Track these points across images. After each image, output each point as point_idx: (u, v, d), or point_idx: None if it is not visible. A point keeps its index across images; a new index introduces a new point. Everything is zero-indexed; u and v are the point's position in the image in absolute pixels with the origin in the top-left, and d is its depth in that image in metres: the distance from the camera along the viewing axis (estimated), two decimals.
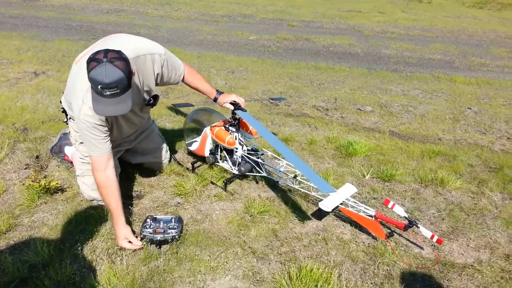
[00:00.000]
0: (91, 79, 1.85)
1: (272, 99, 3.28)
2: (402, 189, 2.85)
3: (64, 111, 2.51)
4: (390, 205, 2.25)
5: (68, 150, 2.85)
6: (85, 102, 2.04)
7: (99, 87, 1.84)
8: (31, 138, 3.31)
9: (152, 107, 2.51)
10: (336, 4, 15.52)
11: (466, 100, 5.14)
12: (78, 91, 2.10)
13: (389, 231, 2.35)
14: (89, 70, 1.85)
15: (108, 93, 1.87)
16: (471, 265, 2.12)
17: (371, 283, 1.97)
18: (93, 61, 1.85)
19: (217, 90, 2.69)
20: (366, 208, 2.27)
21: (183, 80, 2.72)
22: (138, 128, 2.65)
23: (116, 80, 1.84)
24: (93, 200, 2.48)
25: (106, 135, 2.16)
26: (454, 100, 5.13)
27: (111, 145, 2.22)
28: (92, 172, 2.22)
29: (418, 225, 2.15)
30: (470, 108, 4.80)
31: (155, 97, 2.40)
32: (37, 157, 3.00)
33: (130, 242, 2.11)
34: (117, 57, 1.87)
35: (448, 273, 2.06)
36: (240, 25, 10.71)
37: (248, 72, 6.12)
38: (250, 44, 8.42)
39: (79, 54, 2.29)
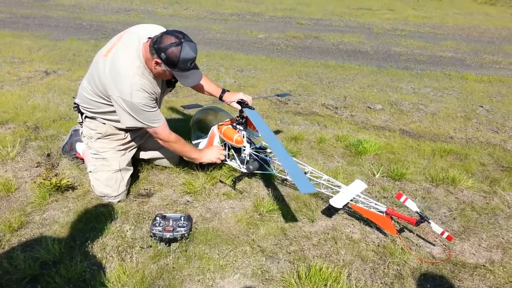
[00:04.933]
0: (183, 60, 2.10)
1: (278, 96, 3.30)
2: (412, 188, 2.82)
3: (78, 110, 2.52)
4: (402, 199, 2.22)
5: (79, 147, 2.87)
6: (133, 87, 2.19)
7: (189, 63, 2.13)
8: (42, 136, 3.35)
9: (170, 91, 2.64)
10: (346, 2, 15.44)
11: (478, 98, 5.07)
12: (122, 78, 2.20)
13: (400, 227, 2.32)
14: (175, 55, 2.07)
15: (193, 64, 2.19)
16: (483, 265, 2.09)
17: (381, 283, 1.95)
18: (172, 46, 2.07)
19: (222, 89, 2.68)
20: (377, 204, 2.25)
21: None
22: None
23: (197, 51, 2.17)
24: (104, 196, 2.49)
25: (157, 107, 2.39)
26: (465, 98, 5.06)
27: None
28: (162, 141, 2.45)
29: (429, 220, 2.13)
30: (482, 106, 4.73)
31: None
32: (48, 155, 3.03)
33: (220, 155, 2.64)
34: (183, 32, 2.16)
35: (460, 273, 2.03)
36: (249, 24, 10.71)
37: (257, 71, 6.12)
38: (259, 43, 8.41)
39: (104, 48, 2.32)
